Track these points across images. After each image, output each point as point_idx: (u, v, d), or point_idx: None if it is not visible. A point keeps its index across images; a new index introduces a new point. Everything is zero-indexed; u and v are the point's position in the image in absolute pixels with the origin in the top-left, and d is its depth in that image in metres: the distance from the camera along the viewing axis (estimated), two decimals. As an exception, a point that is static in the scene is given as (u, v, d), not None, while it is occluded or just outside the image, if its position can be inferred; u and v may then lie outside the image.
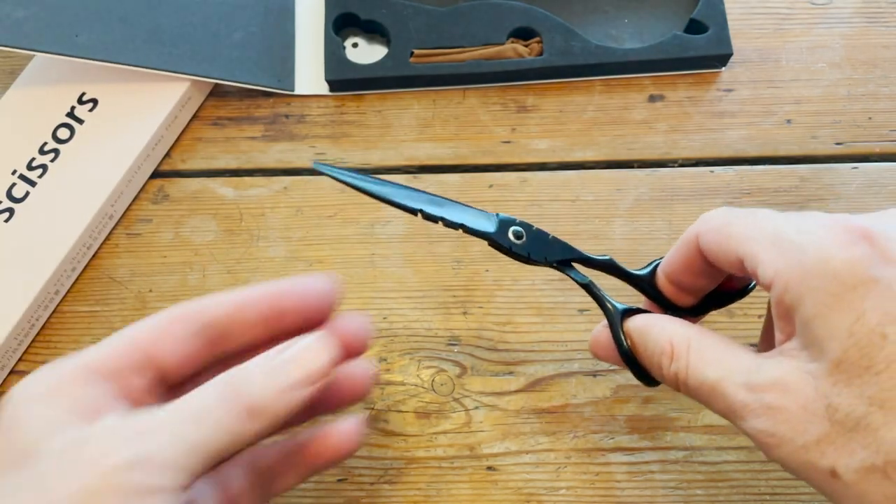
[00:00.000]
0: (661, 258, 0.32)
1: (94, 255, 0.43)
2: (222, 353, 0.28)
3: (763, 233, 0.25)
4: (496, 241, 0.31)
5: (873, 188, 0.42)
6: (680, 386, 0.28)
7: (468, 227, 0.31)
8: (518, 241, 0.31)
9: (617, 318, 0.30)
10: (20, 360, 0.40)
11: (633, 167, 0.44)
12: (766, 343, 0.29)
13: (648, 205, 0.43)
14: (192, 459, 0.23)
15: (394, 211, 0.32)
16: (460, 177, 0.44)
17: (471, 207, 0.31)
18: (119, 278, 0.42)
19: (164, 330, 0.26)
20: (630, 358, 0.30)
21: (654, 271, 0.32)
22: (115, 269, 0.43)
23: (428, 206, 0.31)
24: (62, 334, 0.41)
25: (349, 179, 0.31)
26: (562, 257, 0.31)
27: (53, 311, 0.41)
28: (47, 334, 0.41)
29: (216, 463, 0.24)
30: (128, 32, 0.43)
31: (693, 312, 0.32)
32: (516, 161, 0.44)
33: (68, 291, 0.42)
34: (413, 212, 0.31)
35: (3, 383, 0.40)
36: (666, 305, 0.32)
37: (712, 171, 0.43)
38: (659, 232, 0.42)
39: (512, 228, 0.31)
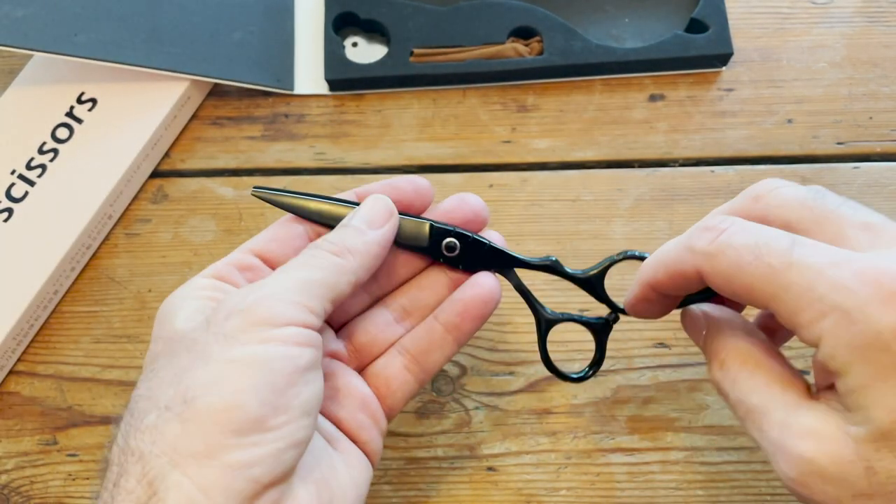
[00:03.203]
0: (609, 259, 0.32)
1: (93, 255, 0.43)
2: None
3: (793, 289, 0.23)
4: (428, 254, 0.32)
5: (874, 188, 0.42)
6: (720, 393, 0.27)
7: (400, 243, 0.31)
8: (450, 254, 0.31)
9: (545, 326, 0.33)
10: (19, 360, 0.40)
11: (633, 167, 0.44)
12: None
13: (649, 204, 0.43)
14: (307, 295, 0.27)
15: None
16: (460, 177, 0.44)
17: (406, 216, 0.31)
18: (118, 278, 0.42)
19: (273, 237, 0.31)
20: (549, 364, 0.33)
21: (601, 274, 0.32)
22: (114, 269, 0.42)
23: None
24: (61, 334, 0.41)
25: (288, 199, 0.32)
26: (500, 266, 0.32)
27: (52, 311, 0.41)
28: (46, 334, 0.41)
29: (333, 302, 0.28)
30: (127, 32, 0.43)
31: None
32: (516, 161, 0.44)
33: (67, 291, 0.42)
34: None
35: (2, 383, 0.40)
36: (614, 308, 0.32)
37: (713, 171, 0.43)
38: (659, 232, 0.42)
39: (446, 241, 0.31)
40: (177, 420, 0.24)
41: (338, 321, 0.33)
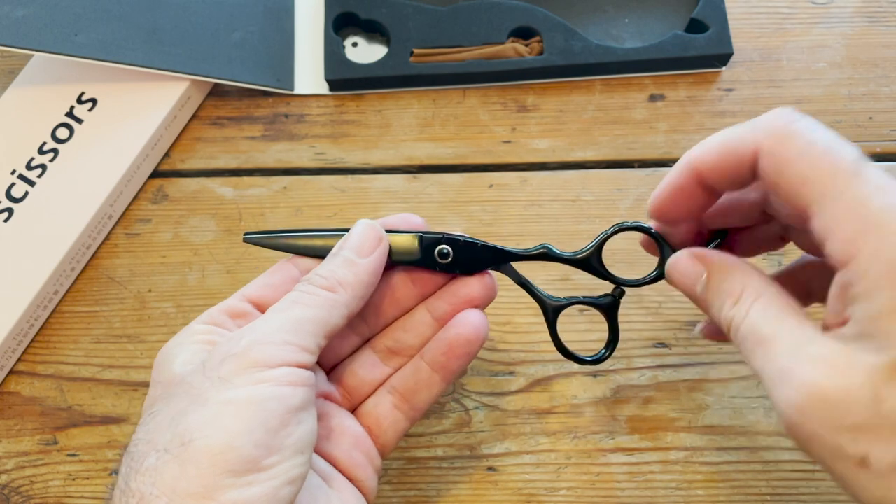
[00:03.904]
0: (602, 234, 0.31)
1: (93, 255, 0.43)
2: None
3: (847, 196, 0.22)
4: (423, 266, 0.32)
5: (874, 188, 0.42)
6: (730, 331, 0.26)
7: (395, 260, 0.31)
8: (444, 261, 0.31)
9: (552, 313, 0.32)
10: (19, 359, 0.40)
11: (633, 167, 0.44)
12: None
13: (649, 204, 0.43)
14: (301, 334, 0.27)
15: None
16: (460, 176, 0.44)
17: (393, 232, 0.31)
18: (118, 278, 0.42)
19: (268, 282, 0.31)
20: (564, 350, 0.32)
21: (596, 251, 0.32)
22: (114, 269, 0.42)
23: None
24: (61, 334, 0.41)
25: (279, 240, 0.32)
26: (495, 263, 0.32)
27: (53, 311, 0.41)
28: (47, 334, 0.41)
29: (327, 337, 0.28)
30: (127, 32, 0.43)
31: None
32: (516, 161, 0.44)
33: (67, 291, 0.42)
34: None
35: (2, 383, 0.40)
36: (617, 283, 0.32)
37: (713, 171, 0.43)
38: (659, 232, 0.42)
39: (438, 248, 0.31)
40: (175, 462, 0.24)
41: (329, 363, 0.33)
